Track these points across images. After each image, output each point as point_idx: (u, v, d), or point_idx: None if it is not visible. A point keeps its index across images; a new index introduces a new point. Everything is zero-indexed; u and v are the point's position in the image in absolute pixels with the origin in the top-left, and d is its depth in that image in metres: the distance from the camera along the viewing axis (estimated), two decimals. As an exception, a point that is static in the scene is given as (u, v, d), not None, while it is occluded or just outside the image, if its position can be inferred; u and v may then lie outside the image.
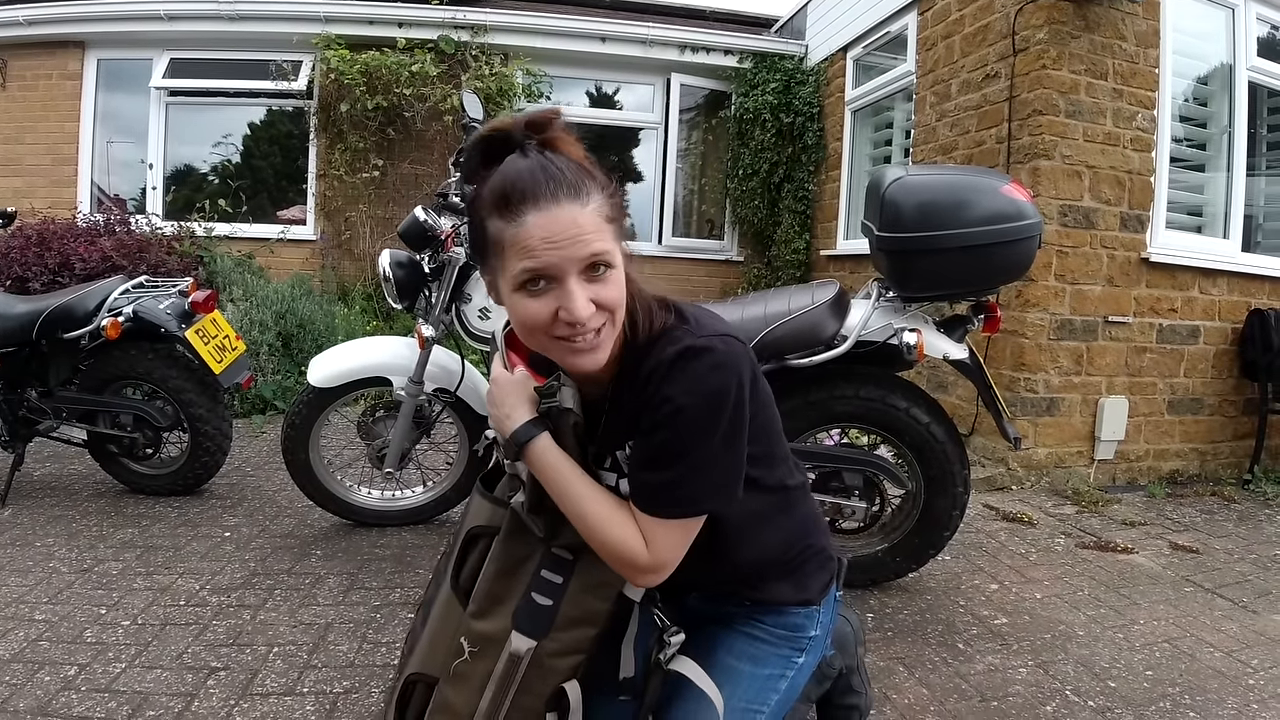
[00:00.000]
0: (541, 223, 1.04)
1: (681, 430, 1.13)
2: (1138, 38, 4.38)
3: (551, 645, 1.25)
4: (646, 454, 1.19)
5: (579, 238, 1.05)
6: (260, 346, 5.42)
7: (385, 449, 3.16)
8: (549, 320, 1.09)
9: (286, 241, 7.19)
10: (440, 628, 1.35)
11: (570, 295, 1.06)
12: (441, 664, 1.30)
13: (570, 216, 1.05)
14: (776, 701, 1.39)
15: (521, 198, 1.05)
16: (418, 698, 1.34)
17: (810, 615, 1.44)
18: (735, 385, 1.15)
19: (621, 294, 1.12)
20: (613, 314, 1.12)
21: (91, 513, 3.41)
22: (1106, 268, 4.43)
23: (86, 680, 2.13)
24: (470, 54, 7.07)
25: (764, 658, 1.40)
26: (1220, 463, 4.87)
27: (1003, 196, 2.47)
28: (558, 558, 1.28)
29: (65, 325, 3.40)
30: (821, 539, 1.47)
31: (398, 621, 2.55)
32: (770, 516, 1.36)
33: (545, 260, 1.05)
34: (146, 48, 7.27)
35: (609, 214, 1.10)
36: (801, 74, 7.52)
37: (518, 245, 1.06)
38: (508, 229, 1.06)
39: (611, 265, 1.10)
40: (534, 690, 1.26)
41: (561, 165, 1.08)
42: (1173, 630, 2.72)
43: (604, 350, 1.14)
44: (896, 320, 2.64)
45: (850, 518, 2.85)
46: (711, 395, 1.13)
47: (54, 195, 7.02)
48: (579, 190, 1.07)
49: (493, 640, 1.26)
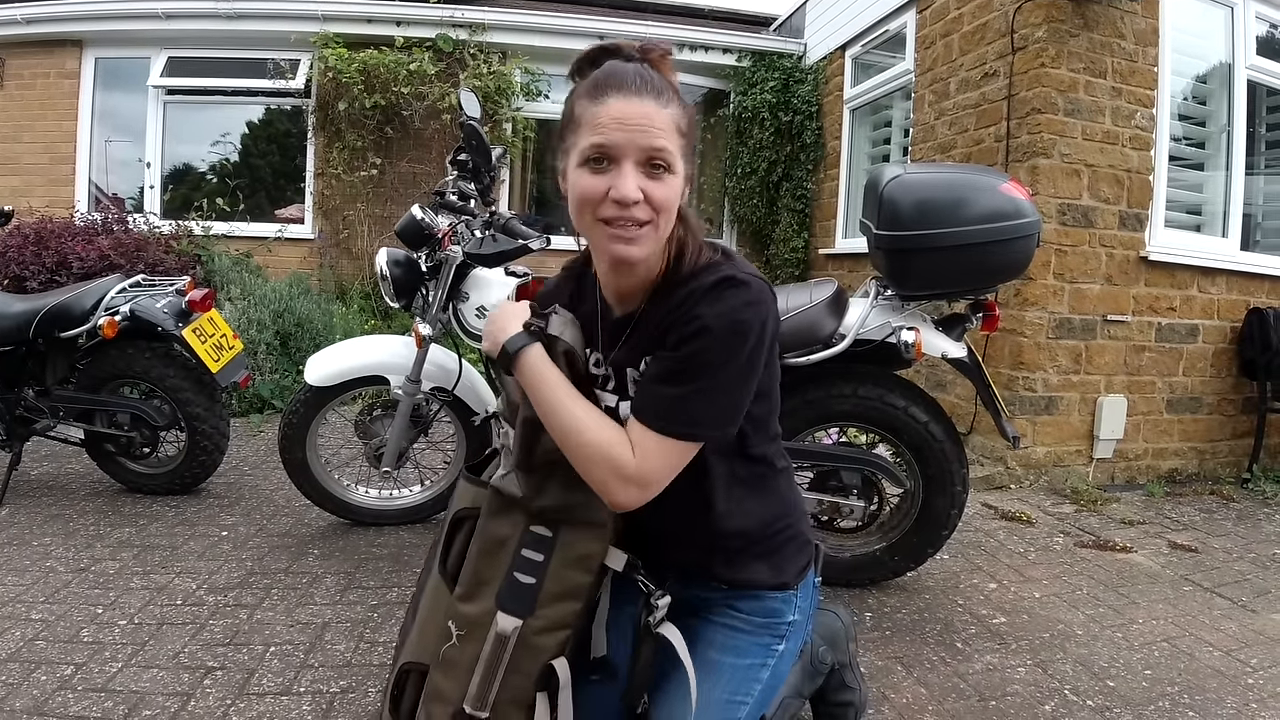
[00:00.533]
0: (619, 105, 1.14)
1: (704, 350, 1.19)
2: (1137, 36, 4.38)
3: (537, 623, 1.28)
4: (664, 367, 1.24)
5: (648, 128, 1.14)
6: (258, 345, 5.41)
7: (382, 448, 3.15)
8: (600, 197, 1.16)
9: (284, 240, 7.19)
10: (429, 614, 1.36)
11: (623, 175, 1.15)
12: (432, 651, 1.32)
13: (646, 110, 1.15)
14: (760, 691, 1.40)
15: (610, 83, 1.16)
16: (411, 688, 1.36)
17: (788, 600, 1.44)
18: (760, 324, 1.21)
19: (672, 199, 1.19)
20: (658, 214, 1.18)
21: (88, 512, 3.41)
22: (1105, 266, 4.42)
23: (83, 680, 2.12)
24: (468, 52, 7.07)
25: (744, 648, 1.41)
26: (1219, 461, 4.87)
27: (1001, 195, 2.47)
28: (537, 535, 1.31)
29: (62, 324, 3.39)
30: (800, 524, 1.49)
31: (395, 621, 2.54)
32: (755, 486, 1.40)
33: (612, 138, 1.14)
34: (144, 46, 7.26)
35: (682, 127, 1.19)
36: (800, 72, 7.51)
37: (594, 122, 1.15)
38: (590, 107, 1.16)
39: (670, 170, 1.18)
40: (522, 669, 1.28)
41: (653, 74, 1.19)
42: (1171, 629, 2.72)
43: (641, 247, 1.19)
44: (895, 319, 2.63)
45: (848, 517, 2.85)
46: (740, 324, 1.19)
47: (52, 194, 7.02)
48: (661, 93, 1.17)
49: (478, 623, 1.28)
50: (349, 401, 3.42)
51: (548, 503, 1.30)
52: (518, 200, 7.87)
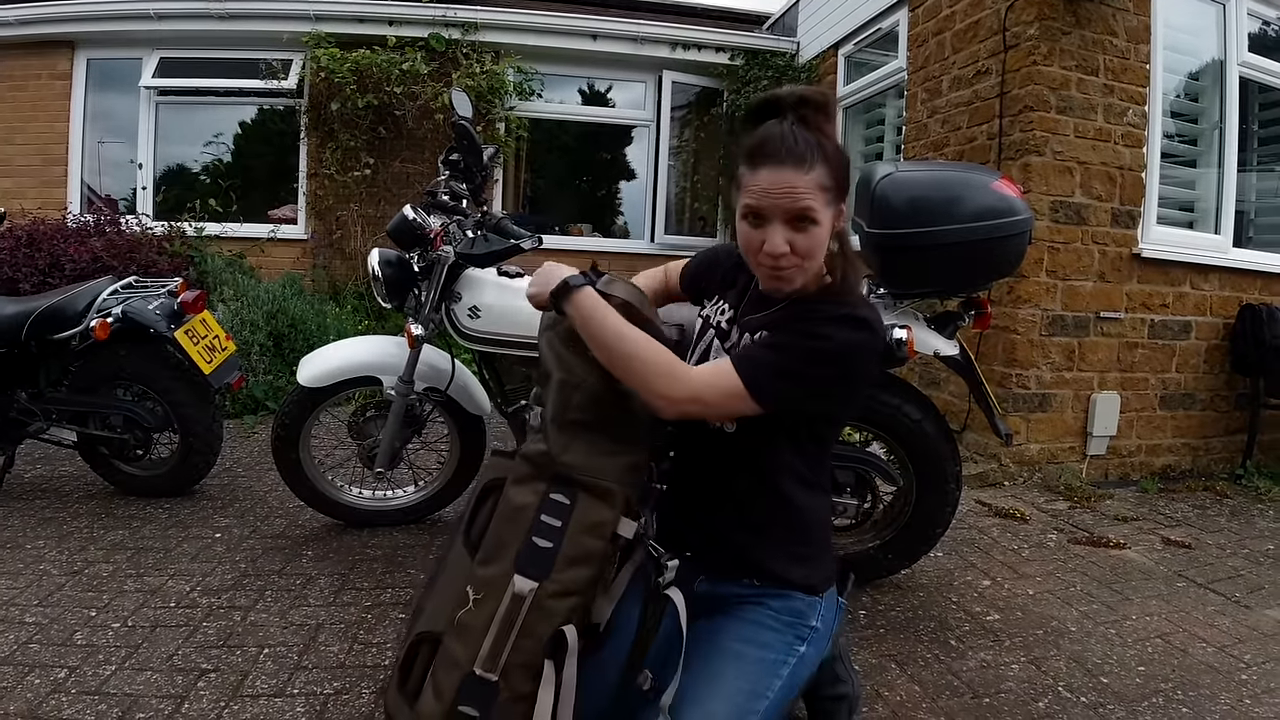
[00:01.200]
0: (768, 176, 1.34)
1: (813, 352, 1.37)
2: (1129, 33, 4.38)
3: (551, 586, 1.33)
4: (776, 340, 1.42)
5: (791, 194, 1.33)
6: (251, 346, 5.40)
7: (376, 449, 3.14)
8: (757, 247, 1.39)
9: (277, 241, 7.18)
10: (448, 582, 1.43)
11: (772, 235, 1.36)
12: (448, 617, 1.36)
13: (790, 179, 1.33)
14: (780, 688, 1.43)
15: (762, 154, 1.35)
16: (423, 658, 1.40)
17: (812, 605, 1.52)
18: (862, 371, 1.43)
19: (816, 246, 1.38)
20: (804, 259, 1.38)
21: (82, 514, 3.39)
22: (1098, 263, 4.43)
23: (76, 683, 2.12)
24: (461, 52, 7.06)
25: (768, 641, 1.46)
26: (1212, 458, 4.88)
27: (993, 192, 2.46)
28: (556, 502, 1.37)
29: (54, 326, 3.38)
30: (831, 547, 1.63)
31: (389, 622, 2.54)
32: (810, 489, 1.54)
33: (760, 203, 1.35)
34: (136, 47, 7.24)
35: (826, 184, 1.35)
36: (793, 71, 7.51)
37: (749, 187, 1.37)
38: (747, 174, 1.37)
39: (816, 223, 1.36)
40: (535, 633, 1.31)
41: (801, 138, 1.34)
42: (1165, 626, 2.73)
43: (792, 284, 1.43)
44: (887, 317, 2.63)
45: (842, 515, 2.85)
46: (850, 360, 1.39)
47: (44, 196, 7.00)
48: (804, 160, 1.33)
49: (495, 585, 1.33)
50: (342, 402, 3.41)
51: (571, 459, 1.39)
52: (511, 200, 7.86)
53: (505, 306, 2.92)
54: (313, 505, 3.32)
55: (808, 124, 1.36)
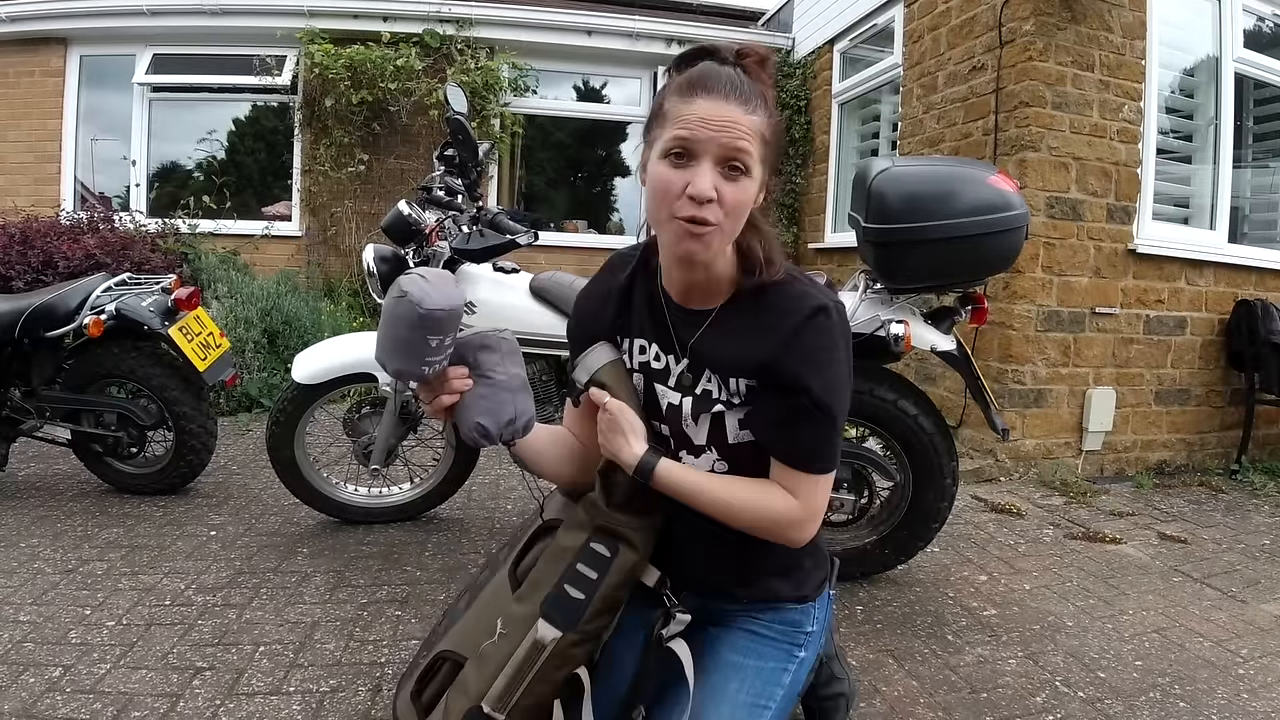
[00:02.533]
0: (706, 106, 1.16)
1: (834, 388, 1.26)
2: (1124, 29, 4.38)
3: (574, 636, 1.28)
4: (797, 409, 1.26)
5: (730, 129, 1.15)
6: (246, 344, 5.38)
7: (371, 445, 3.14)
8: (678, 192, 1.17)
9: (271, 238, 7.14)
10: (485, 608, 1.38)
11: (700, 172, 1.16)
12: (475, 645, 1.32)
13: (730, 112, 1.16)
14: (781, 697, 1.40)
15: (702, 84, 1.18)
16: (443, 676, 1.35)
17: (806, 612, 1.47)
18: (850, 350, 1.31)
19: (743, 202, 1.20)
20: (728, 217, 1.19)
21: (76, 513, 3.38)
22: (1093, 259, 4.43)
23: (71, 681, 2.10)
24: (455, 48, 7.04)
25: (765, 652, 1.42)
26: (1207, 453, 4.89)
27: (989, 187, 2.46)
28: (596, 553, 1.32)
29: (47, 324, 3.36)
30: (819, 537, 1.48)
31: (385, 619, 2.53)
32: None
33: (695, 134, 1.16)
34: (129, 43, 7.19)
35: (764, 134, 1.20)
36: (788, 67, 7.51)
37: (679, 117, 1.17)
38: (678, 105, 1.18)
39: (747, 173, 1.19)
40: (550, 679, 1.27)
41: (744, 80, 1.20)
42: (1162, 620, 2.73)
43: (711, 247, 1.21)
44: (884, 312, 2.63)
45: (838, 510, 2.85)
46: (847, 354, 1.29)
47: (37, 193, 6.95)
48: (748, 99, 1.18)
49: (519, 625, 1.29)
50: (337, 399, 3.40)
51: (618, 512, 1.34)
52: (507, 196, 7.84)
53: (501, 303, 2.91)
54: (308, 502, 3.31)
55: (748, 73, 1.22)
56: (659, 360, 1.39)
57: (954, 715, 2.11)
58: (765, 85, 1.24)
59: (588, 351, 1.42)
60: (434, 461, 3.48)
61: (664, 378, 1.38)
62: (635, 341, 1.42)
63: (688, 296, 1.35)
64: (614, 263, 1.50)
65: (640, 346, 1.41)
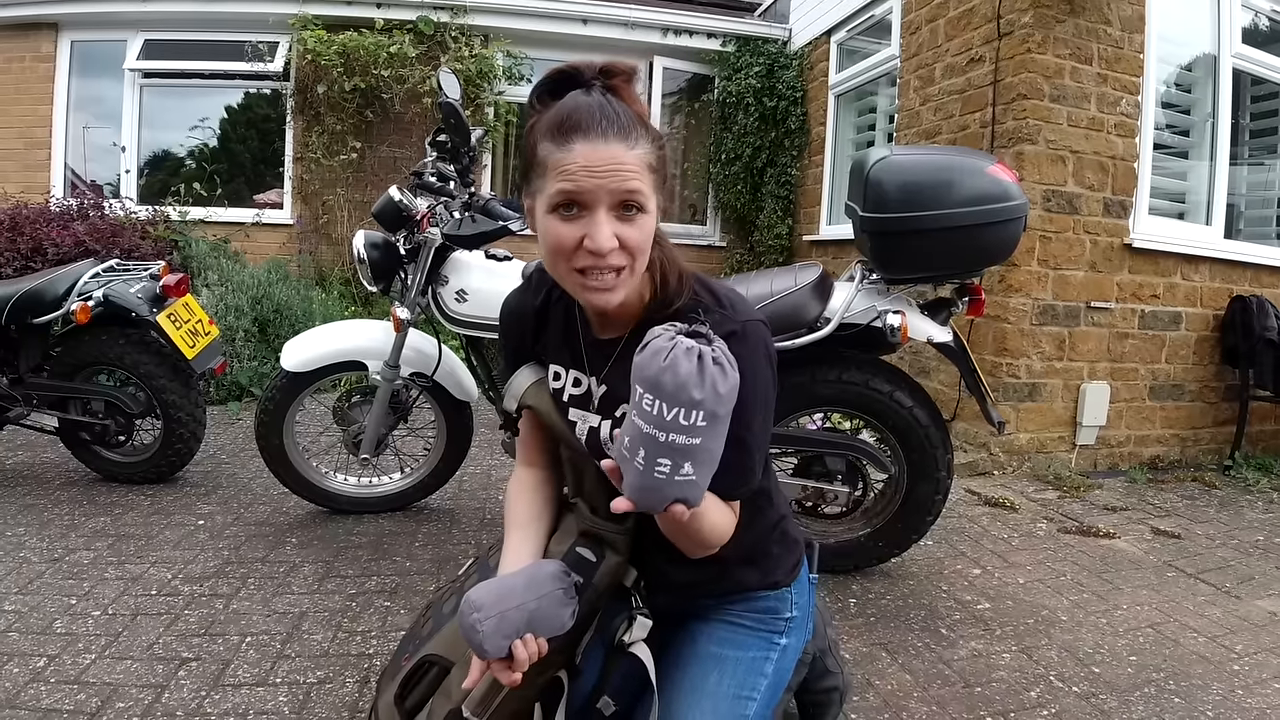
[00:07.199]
0: (586, 152, 1.08)
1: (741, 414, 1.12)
2: (1123, 23, 4.37)
3: (559, 642, 1.24)
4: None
5: (618, 172, 1.08)
6: (236, 332, 5.35)
7: (361, 434, 3.11)
8: (573, 247, 1.11)
9: (263, 225, 7.11)
10: None
11: (597, 224, 1.09)
12: (462, 649, 1.28)
13: (614, 153, 1.08)
14: (766, 686, 1.38)
15: (575, 126, 1.09)
16: (429, 682, 1.34)
17: (781, 598, 1.43)
18: (772, 367, 1.22)
19: (646, 240, 1.15)
20: (634, 258, 1.14)
21: (63, 501, 3.35)
22: (1089, 253, 4.42)
23: (55, 672, 2.08)
24: (450, 35, 6.98)
25: (746, 642, 1.40)
26: (1201, 448, 4.89)
27: (988, 177, 2.44)
28: (581, 558, 1.30)
29: (35, 310, 3.33)
30: (786, 524, 1.47)
31: (373, 610, 2.51)
32: (748, 518, 1.33)
33: (582, 185, 1.08)
34: (120, 29, 7.13)
35: (652, 164, 1.13)
36: (785, 58, 7.47)
37: (561, 169, 1.09)
38: (555, 153, 1.10)
39: (643, 210, 1.12)
40: (532, 684, 1.25)
41: (618, 109, 1.12)
42: (1156, 615, 2.72)
43: (618, 293, 1.16)
44: (880, 303, 2.61)
45: (833, 502, 2.84)
46: (761, 378, 1.19)
47: (27, 180, 6.91)
48: (628, 133, 1.10)
49: None
50: (327, 388, 3.37)
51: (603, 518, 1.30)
52: (500, 185, 7.80)
53: (493, 290, 2.87)
54: (297, 492, 3.28)
55: (619, 95, 1.15)
56: (578, 385, 1.35)
57: (948, 709, 2.09)
58: (638, 105, 1.17)
59: (511, 379, 1.42)
60: (424, 451, 3.46)
61: (584, 403, 1.33)
62: (551, 368, 1.39)
63: (600, 325, 1.31)
64: (532, 281, 1.46)
65: (555, 373, 1.38)
